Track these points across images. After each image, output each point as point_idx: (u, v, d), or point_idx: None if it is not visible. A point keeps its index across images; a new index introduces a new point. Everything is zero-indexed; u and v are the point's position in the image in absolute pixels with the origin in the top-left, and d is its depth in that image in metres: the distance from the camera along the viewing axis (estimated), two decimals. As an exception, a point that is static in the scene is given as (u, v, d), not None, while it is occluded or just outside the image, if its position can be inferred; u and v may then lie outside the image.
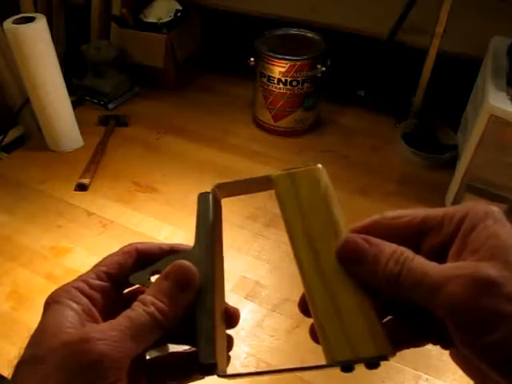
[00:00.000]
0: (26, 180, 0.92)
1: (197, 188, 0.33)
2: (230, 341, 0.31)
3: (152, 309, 0.26)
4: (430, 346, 0.28)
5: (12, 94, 1.09)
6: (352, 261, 0.27)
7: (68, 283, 0.28)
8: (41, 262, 0.76)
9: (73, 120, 0.99)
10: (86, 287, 0.28)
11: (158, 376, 0.30)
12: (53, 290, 0.28)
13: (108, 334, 0.25)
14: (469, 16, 0.94)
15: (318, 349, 0.26)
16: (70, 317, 0.26)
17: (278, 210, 0.30)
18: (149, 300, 0.27)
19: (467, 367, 0.26)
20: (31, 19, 0.84)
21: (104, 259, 0.30)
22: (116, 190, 0.90)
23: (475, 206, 0.26)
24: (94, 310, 0.28)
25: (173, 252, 0.31)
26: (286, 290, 0.72)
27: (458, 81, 0.96)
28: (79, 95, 1.13)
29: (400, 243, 0.26)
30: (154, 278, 0.29)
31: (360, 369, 0.25)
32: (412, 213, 0.27)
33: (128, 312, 0.26)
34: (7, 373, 0.56)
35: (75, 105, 1.04)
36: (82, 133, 1.01)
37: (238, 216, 0.84)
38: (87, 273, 0.29)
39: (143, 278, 0.30)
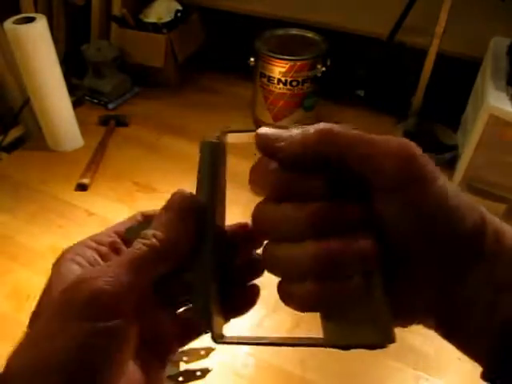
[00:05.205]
0: (26, 180, 0.92)
1: (197, 188, 0.33)
2: (254, 291, 0.32)
3: (150, 241, 0.25)
4: (430, 347, 0.28)
5: (12, 93, 1.09)
6: (271, 147, 0.26)
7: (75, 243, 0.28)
8: (41, 261, 0.76)
9: (73, 120, 0.99)
10: (92, 242, 0.28)
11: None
12: None
13: (104, 271, 0.24)
14: (469, 16, 0.94)
15: (318, 349, 0.26)
16: (74, 270, 0.25)
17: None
18: (150, 233, 0.26)
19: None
20: (31, 19, 0.84)
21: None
22: (116, 189, 0.90)
23: None
24: (100, 261, 0.27)
25: None
26: (286, 289, 0.72)
27: (457, 81, 0.96)
28: (79, 95, 1.13)
29: None
30: None
31: (361, 369, 0.25)
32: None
33: (127, 249, 0.26)
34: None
35: (75, 105, 1.04)
36: (82, 133, 1.01)
37: (238, 216, 0.84)
38: (95, 233, 0.29)
39: (138, 233, 0.28)
